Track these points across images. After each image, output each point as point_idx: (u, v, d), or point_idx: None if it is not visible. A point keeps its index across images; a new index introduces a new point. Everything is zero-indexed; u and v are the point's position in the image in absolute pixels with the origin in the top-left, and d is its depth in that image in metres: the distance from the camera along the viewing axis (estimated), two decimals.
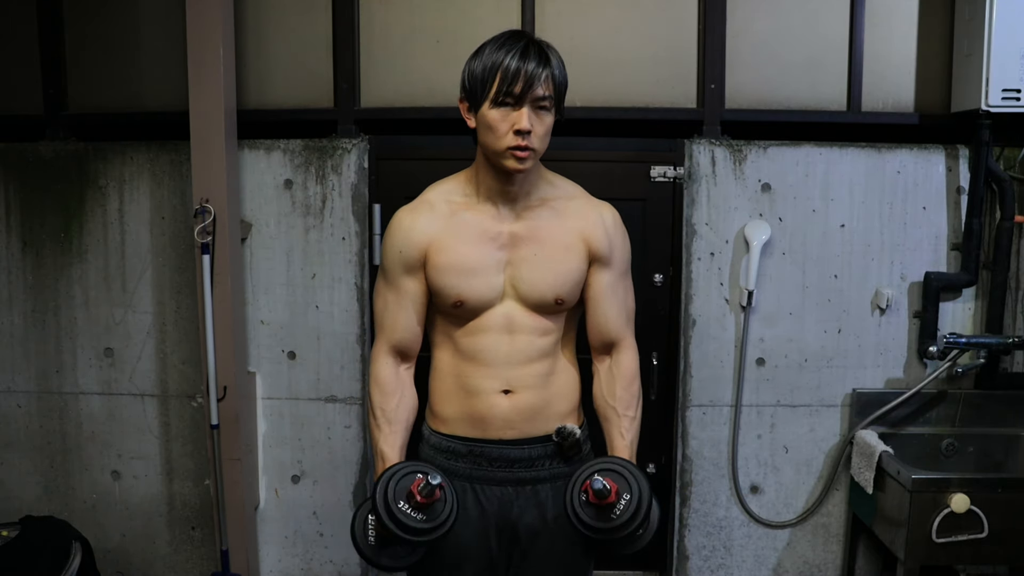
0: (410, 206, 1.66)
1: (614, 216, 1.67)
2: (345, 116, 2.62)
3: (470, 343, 1.61)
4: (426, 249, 1.59)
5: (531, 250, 1.59)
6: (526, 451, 1.63)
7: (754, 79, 2.60)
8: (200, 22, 2.34)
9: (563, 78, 1.55)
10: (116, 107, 2.69)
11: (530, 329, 1.60)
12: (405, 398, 1.65)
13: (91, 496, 2.76)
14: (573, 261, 1.61)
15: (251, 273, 2.63)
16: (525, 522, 1.64)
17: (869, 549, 2.66)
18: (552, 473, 1.65)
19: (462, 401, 1.63)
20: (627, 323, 1.68)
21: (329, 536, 2.71)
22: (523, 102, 1.49)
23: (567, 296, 1.61)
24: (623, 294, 1.67)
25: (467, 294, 1.57)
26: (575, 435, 1.63)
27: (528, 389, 1.61)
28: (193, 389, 2.67)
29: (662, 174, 2.63)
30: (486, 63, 1.51)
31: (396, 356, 1.66)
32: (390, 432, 1.60)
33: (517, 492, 1.64)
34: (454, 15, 2.60)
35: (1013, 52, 2.34)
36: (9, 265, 2.70)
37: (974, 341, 2.52)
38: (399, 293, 1.62)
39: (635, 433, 1.63)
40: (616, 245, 1.65)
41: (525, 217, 1.61)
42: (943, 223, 2.58)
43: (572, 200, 1.65)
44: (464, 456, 1.64)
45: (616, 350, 1.67)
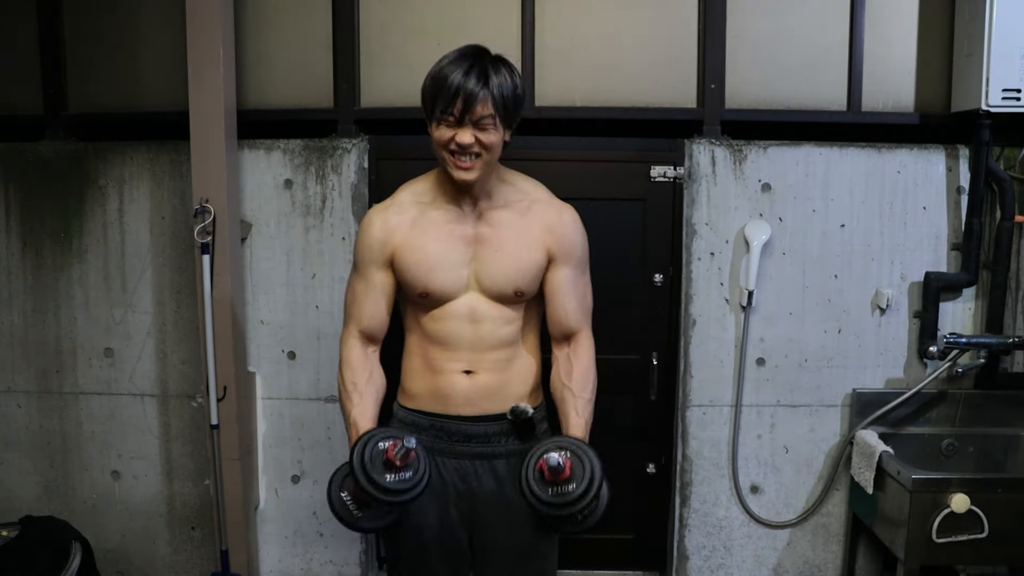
0: (382, 205, 1.79)
1: (573, 217, 1.78)
2: (345, 116, 2.62)
3: (436, 328, 1.74)
4: (393, 247, 1.72)
5: (493, 247, 1.71)
6: (483, 427, 1.75)
7: (754, 79, 2.60)
8: (200, 22, 2.34)
9: (508, 95, 1.62)
10: (116, 107, 2.69)
11: (492, 318, 1.73)
12: (374, 375, 1.76)
13: (91, 496, 2.76)
14: (533, 257, 1.72)
15: (251, 273, 2.63)
16: (483, 493, 1.76)
17: (869, 549, 2.66)
18: (508, 449, 1.77)
19: (427, 379, 1.76)
20: (585, 316, 1.79)
21: (329, 536, 2.71)
22: (463, 121, 1.60)
23: (526, 288, 1.73)
24: (582, 289, 1.78)
25: (432, 287, 1.71)
26: (527, 413, 1.73)
27: (488, 371, 1.74)
28: (193, 389, 2.67)
29: (662, 174, 2.63)
30: (433, 80, 1.62)
31: (364, 340, 1.78)
32: (360, 402, 1.70)
33: (475, 466, 1.76)
34: (454, 15, 2.60)
35: (1013, 52, 2.34)
36: (9, 265, 2.70)
37: (974, 341, 2.52)
38: (368, 284, 1.76)
39: (589, 413, 1.71)
40: (575, 243, 1.76)
41: (488, 217, 1.73)
42: (943, 223, 2.58)
43: (535, 202, 1.76)
44: (426, 429, 1.76)
45: (575, 340, 1.77)
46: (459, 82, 1.57)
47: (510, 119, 1.65)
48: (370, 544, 2.74)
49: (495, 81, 1.59)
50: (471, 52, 1.63)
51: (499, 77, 1.60)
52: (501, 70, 1.62)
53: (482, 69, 1.59)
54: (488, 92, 1.58)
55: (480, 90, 1.58)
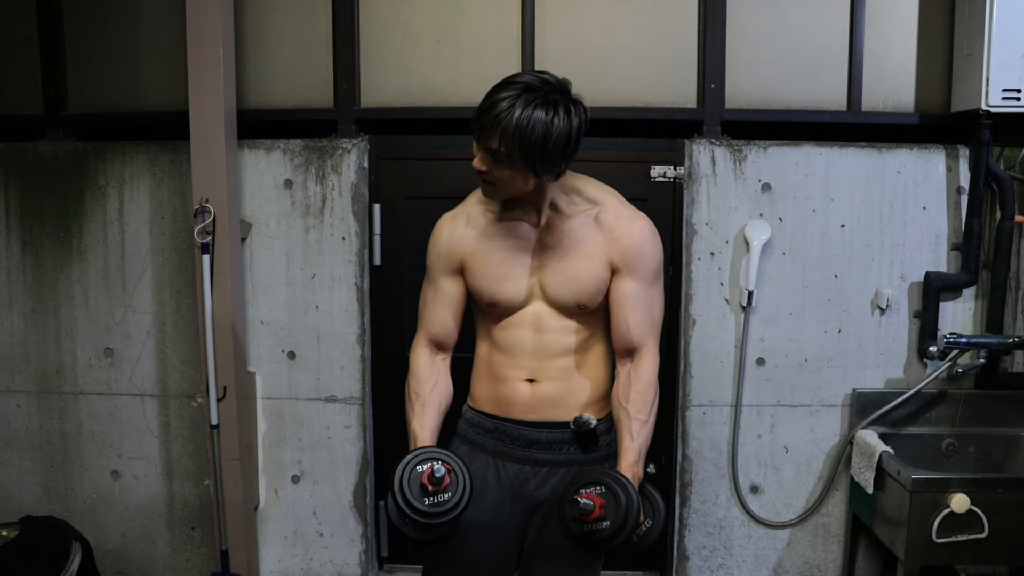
0: (452, 213, 1.79)
1: (643, 227, 1.71)
2: (345, 116, 2.62)
3: (502, 336, 1.75)
4: (462, 256, 1.74)
5: (556, 258, 1.70)
6: (544, 434, 1.75)
7: (754, 79, 2.60)
8: (200, 22, 2.34)
9: (536, 138, 1.51)
10: (116, 107, 2.69)
11: (556, 328, 1.72)
12: (439, 384, 1.77)
13: (91, 496, 2.76)
14: (594, 271, 1.69)
15: (251, 273, 2.63)
16: (540, 498, 1.75)
17: (869, 549, 2.66)
18: (568, 458, 1.76)
19: (491, 385, 1.78)
20: (650, 331, 1.73)
21: (329, 536, 2.71)
22: (480, 144, 1.59)
23: (588, 302, 1.70)
24: (648, 303, 1.72)
25: (499, 296, 1.72)
26: (590, 425, 1.72)
27: (550, 380, 1.74)
28: (193, 389, 2.67)
29: (662, 174, 2.63)
30: (488, 92, 1.59)
31: (432, 347, 1.80)
32: (423, 413, 1.71)
33: (534, 471, 1.76)
34: (454, 15, 2.60)
35: (1013, 52, 2.34)
36: (9, 265, 2.70)
37: (974, 341, 2.52)
38: (437, 291, 1.77)
39: (645, 437, 1.69)
40: (643, 255, 1.70)
41: (554, 227, 1.70)
42: (943, 223, 2.58)
43: (604, 211, 1.71)
44: (490, 432, 1.78)
45: (637, 356, 1.73)
46: (483, 109, 1.54)
47: (535, 163, 1.54)
48: (370, 544, 2.74)
49: (517, 121, 1.50)
50: (527, 81, 1.55)
51: (526, 115, 1.50)
52: (548, 111, 1.52)
53: (511, 103, 1.51)
54: (498, 130, 1.51)
55: (493, 125, 1.52)
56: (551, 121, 1.52)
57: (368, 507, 2.71)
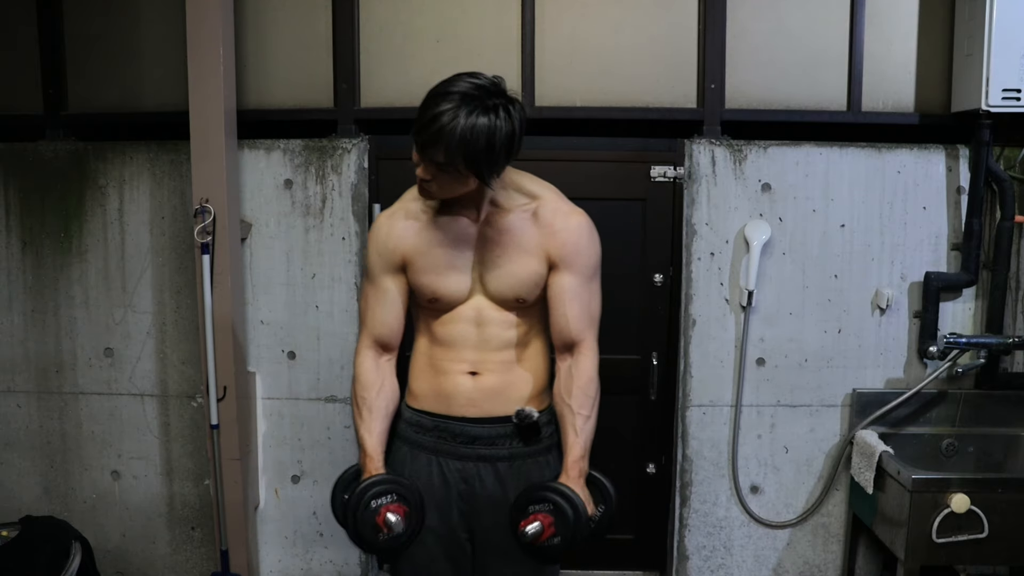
0: (390, 211, 1.78)
1: (580, 222, 1.72)
2: (345, 116, 2.62)
3: (443, 331, 1.74)
4: (403, 253, 1.72)
5: (495, 253, 1.70)
6: (487, 430, 1.74)
7: (754, 79, 2.60)
8: (200, 22, 2.34)
9: (480, 145, 1.51)
10: (116, 107, 2.69)
11: (497, 321, 1.73)
12: (385, 388, 1.77)
13: (91, 496, 2.76)
14: (532, 265, 1.70)
15: (251, 273, 2.63)
16: (485, 495, 1.75)
17: (869, 549, 2.66)
18: (511, 452, 1.76)
19: (432, 379, 1.77)
20: (588, 326, 1.75)
21: (329, 536, 2.71)
22: (424, 157, 1.58)
23: (527, 295, 1.71)
24: (586, 298, 1.74)
25: (441, 291, 1.71)
26: (532, 417, 1.72)
27: (492, 373, 1.74)
28: (193, 389, 2.67)
29: (662, 174, 2.63)
30: (423, 102, 1.57)
31: (377, 349, 1.79)
32: (370, 419, 1.73)
33: (478, 467, 1.75)
34: (454, 15, 2.60)
35: (1013, 52, 2.34)
36: (9, 265, 2.70)
37: (974, 341, 2.52)
38: (379, 291, 1.76)
39: (589, 432, 1.72)
40: (580, 251, 1.71)
41: (493, 222, 1.70)
42: (943, 223, 2.58)
43: (542, 207, 1.71)
44: (430, 430, 1.76)
45: (577, 351, 1.74)
46: (424, 119, 1.52)
47: (481, 170, 1.55)
48: None
49: (461, 131, 1.49)
50: (462, 90, 1.52)
51: (476, 127, 1.50)
52: (489, 117, 1.51)
53: (454, 114, 1.50)
54: (441, 142, 1.51)
55: (436, 137, 1.51)
56: (494, 126, 1.52)
57: None
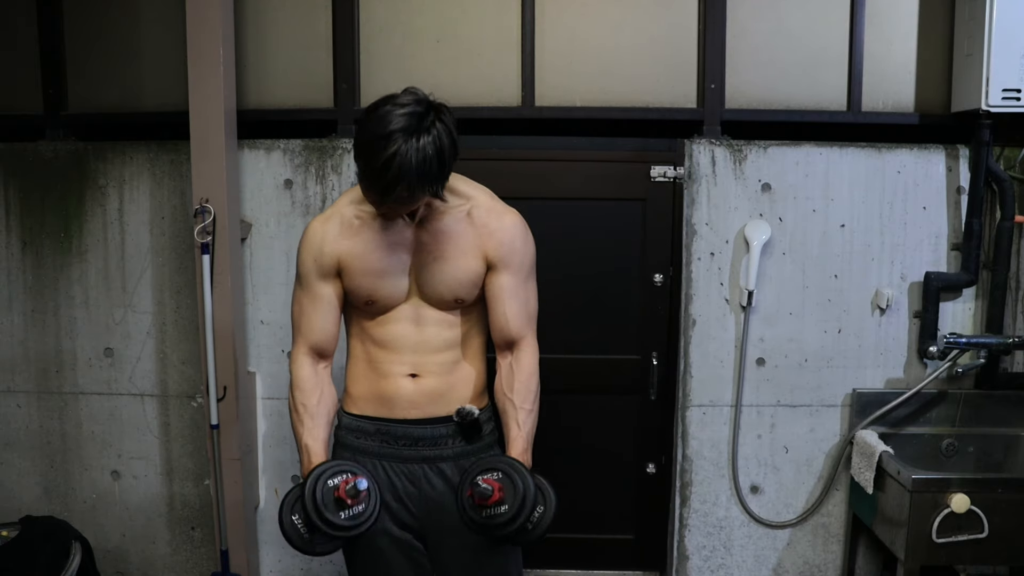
0: (323, 216, 1.77)
1: (514, 221, 1.74)
2: (345, 116, 2.62)
3: (381, 332, 1.74)
4: (338, 257, 1.71)
5: (431, 255, 1.70)
6: (429, 430, 1.75)
7: (754, 79, 2.60)
8: (200, 22, 2.34)
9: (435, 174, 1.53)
10: (116, 107, 2.69)
11: (436, 322, 1.74)
12: (325, 394, 1.76)
13: (91, 496, 2.76)
14: (469, 265, 1.70)
15: (251, 273, 2.63)
16: (434, 496, 1.75)
17: (869, 549, 2.66)
18: (455, 452, 1.76)
19: (372, 382, 1.76)
20: (528, 323, 1.76)
21: None
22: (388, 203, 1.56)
23: (465, 295, 1.73)
24: (524, 296, 1.75)
25: (377, 294, 1.71)
26: (473, 415, 1.73)
27: (433, 375, 1.74)
28: (193, 389, 2.67)
29: (662, 174, 2.63)
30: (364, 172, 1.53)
31: (314, 356, 1.77)
32: (313, 426, 1.72)
33: (423, 469, 1.75)
34: (454, 15, 2.60)
35: (1013, 52, 2.34)
36: (9, 265, 2.70)
37: (974, 341, 2.52)
38: (314, 297, 1.74)
39: (531, 426, 1.72)
40: (515, 249, 1.72)
41: (428, 224, 1.70)
42: (943, 223, 2.58)
43: (475, 207, 1.72)
44: (372, 435, 1.76)
45: (517, 347, 1.75)
46: (380, 166, 1.48)
47: (437, 188, 1.58)
48: None
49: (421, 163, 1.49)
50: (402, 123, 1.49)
51: (427, 156, 1.49)
52: (430, 137, 1.50)
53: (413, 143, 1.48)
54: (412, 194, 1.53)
55: (407, 194, 1.52)
56: (440, 145, 1.52)
57: None
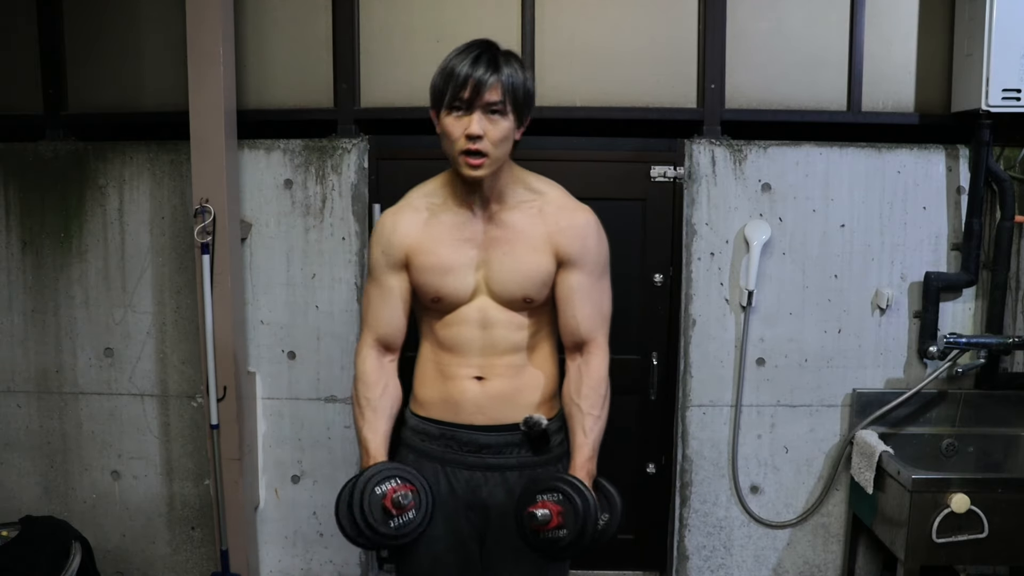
0: (393, 209, 1.74)
1: (587, 219, 1.69)
2: (345, 116, 2.62)
3: (447, 334, 1.70)
4: (407, 250, 1.68)
5: (502, 251, 1.66)
6: (495, 438, 1.70)
7: (754, 79, 2.60)
8: (200, 22, 2.34)
9: (519, 84, 1.58)
10: (116, 107, 2.69)
11: (503, 323, 1.68)
12: (389, 388, 1.72)
13: (91, 496, 2.76)
14: (540, 262, 1.66)
15: (251, 273, 2.63)
16: (494, 504, 1.70)
17: (869, 549, 2.66)
18: (520, 461, 1.71)
19: (438, 385, 1.72)
20: (599, 325, 1.71)
21: (329, 536, 2.71)
22: (473, 107, 1.55)
23: (535, 295, 1.67)
24: (596, 296, 1.70)
25: (443, 291, 1.67)
26: (541, 425, 1.68)
27: (499, 377, 1.69)
28: (193, 389, 2.67)
29: (662, 174, 2.63)
30: (442, 72, 1.58)
31: (380, 348, 1.74)
32: (373, 419, 1.67)
33: (486, 477, 1.70)
34: (454, 15, 2.60)
35: (1013, 52, 2.34)
36: (9, 265, 2.70)
37: (974, 341, 2.52)
38: (382, 290, 1.71)
39: (599, 433, 1.67)
40: (588, 248, 1.68)
41: (499, 219, 1.67)
42: (943, 223, 2.58)
43: (548, 203, 1.69)
44: (437, 438, 1.72)
45: (587, 350, 1.70)
46: (468, 69, 1.53)
47: (520, 111, 1.60)
48: None
49: (506, 70, 1.56)
50: (479, 43, 1.60)
51: (511, 67, 1.58)
52: (511, 61, 1.59)
53: (492, 57, 1.56)
54: (498, 78, 1.55)
55: (490, 76, 1.54)
56: (521, 68, 1.60)
57: None
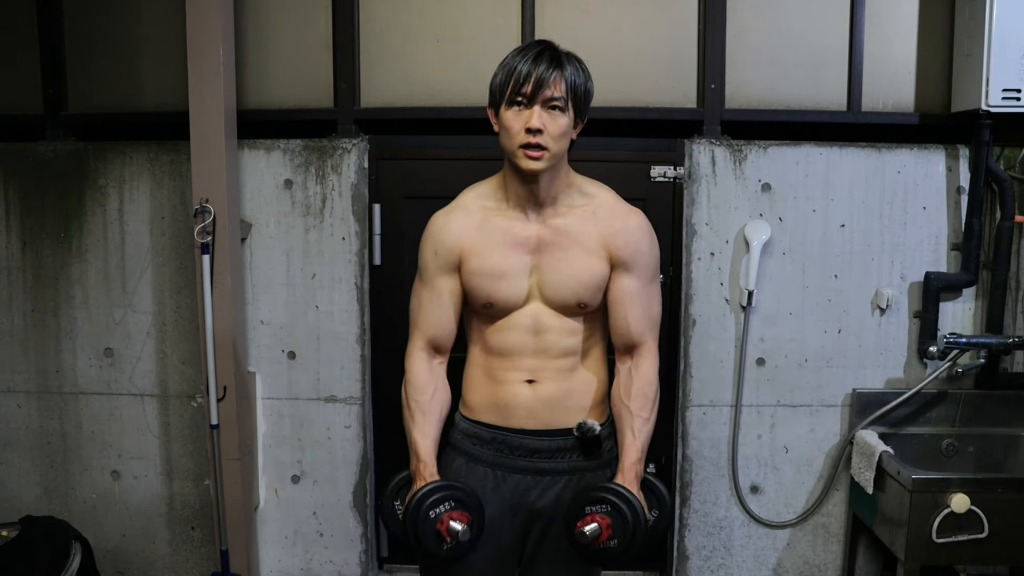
0: (445, 209, 1.73)
1: (639, 222, 1.70)
2: (345, 116, 2.62)
3: (499, 340, 1.69)
4: (460, 252, 1.67)
5: (555, 256, 1.65)
6: (546, 442, 1.69)
7: (754, 79, 2.60)
8: (200, 22, 2.34)
9: (580, 82, 1.61)
10: (116, 107, 2.69)
11: (556, 329, 1.68)
12: (439, 391, 1.72)
13: (91, 496, 2.76)
14: (595, 267, 1.66)
15: (251, 273, 2.63)
16: (541, 508, 1.70)
17: (869, 549, 2.66)
18: (571, 466, 1.71)
19: (489, 389, 1.71)
20: (650, 328, 1.71)
21: (329, 536, 2.71)
22: (534, 102, 1.56)
23: (589, 300, 1.67)
24: (647, 300, 1.70)
25: (496, 296, 1.66)
26: (594, 431, 1.68)
27: (550, 380, 1.69)
28: (193, 389, 2.67)
29: (662, 174, 2.63)
30: (504, 69, 1.60)
31: (430, 351, 1.73)
32: (424, 422, 1.67)
33: (536, 481, 1.70)
34: (454, 15, 2.60)
35: (1013, 52, 2.34)
36: (9, 265, 2.70)
37: (974, 341, 2.52)
38: (433, 291, 1.70)
39: (647, 435, 1.67)
40: (641, 251, 1.68)
41: (552, 223, 1.66)
42: (943, 223, 2.58)
43: (600, 207, 1.69)
44: (488, 442, 1.72)
45: (637, 353, 1.71)
46: (530, 66, 1.56)
47: (579, 109, 1.62)
48: (370, 544, 2.74)
49: (568, 68, 1.58)
50: (540, 42, 1.62)
51: (573, 65, 1.60)
52: (573, 60, 1.61)
53: (554, 54, 1.59)
54: (560, 74, 1.57)
55: (552, 72, 1.56)
56: (582, 67, 1.63)
57: (368, 507, 2.71)
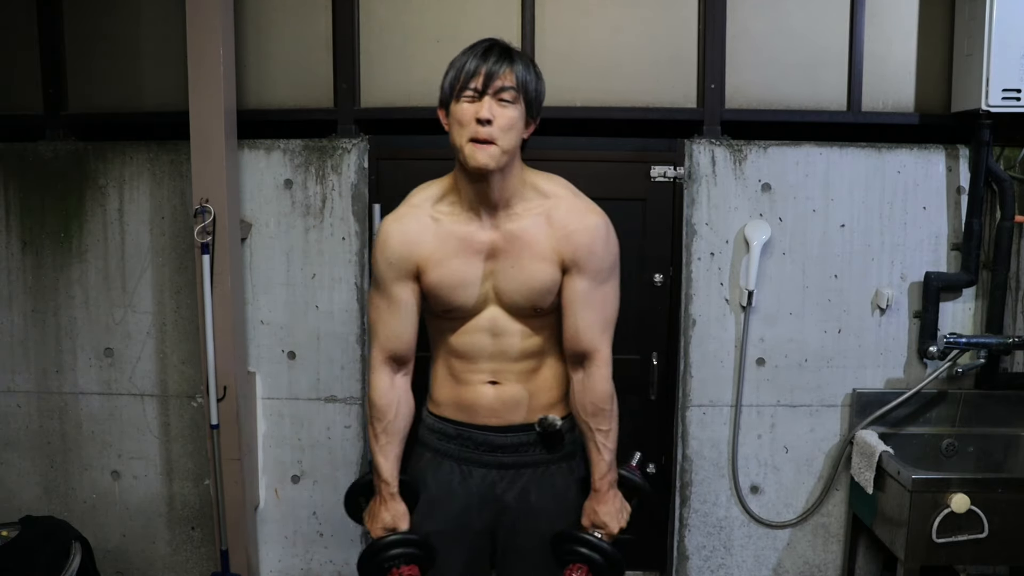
0: (396, 215, 1.70)
1: (596, 222, 1.66)
2: (345, 116, 2.62)
3: (460, 343, 1.71)
4: (416, 261, 1.65)
5: (508, 262, 1.64)
6: (510, 438, 1.73)
7: (754, 79, 2.60)
8: (200, 22, 2.34)
9: (531, 79, 1.61)
10: (116, 107, 2.69)
11: (514, 332, 1.69)
12: (402, 407, 1.73)
13: (91, 496, 2.76)
14: (546, 273, 1.64)
15: (251, 273, 2.63)
16: (508, 501, 1.74)
17: (869, 549, 2.66)
18: (535, 459, 1.75)
19: (453, 389, 1.74)
20: (601, 333, 1.67)
21: (329, 536, 2.71)
22: (484, 94, 1.56)
23: (543, 304, 1.67)
24: (599, 303, 1.66)
25: (455, 303, 1.66)
26: (556, 425, 1.71)
27: (513, 382, 1.71)
28: (193, 389, 2.67)
29: (662, 174, 2.63)
30: (454, 67, 1.61)
31: (392, 365, 1.72)
32: (386, 443, 1.71)
33: (501, 475, 1.74)
34: (454, 15, 2.60)
35: (1013, 52, 2.34)
36: (9, 265, 2.70)
37: (974, 341, 2.52)
38: (391, 302, 1.68)
39: (612, 443, 1.69)
40: (593, 252, 1.64)
41: (506, 228, 1.64)
42: (943, 223, 2.58)
43: (556, 207, 1.65)
44: (454, 438, 1.75)
45: (589, 362, 1.67)
46: (479, 61, 1.57)
47: (530, 105, 1.61)
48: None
49: (519, 63, 1.60)
50: (488, 40, 1.63)
51: (523, 61, 1.61)
52: (524, 58, 1.63)
53: (503, 50, 1.60)
54: (510, 67, 1.57)
55: (502, 66, 1.57)
56: (531, 65, 1.64)
57: None
